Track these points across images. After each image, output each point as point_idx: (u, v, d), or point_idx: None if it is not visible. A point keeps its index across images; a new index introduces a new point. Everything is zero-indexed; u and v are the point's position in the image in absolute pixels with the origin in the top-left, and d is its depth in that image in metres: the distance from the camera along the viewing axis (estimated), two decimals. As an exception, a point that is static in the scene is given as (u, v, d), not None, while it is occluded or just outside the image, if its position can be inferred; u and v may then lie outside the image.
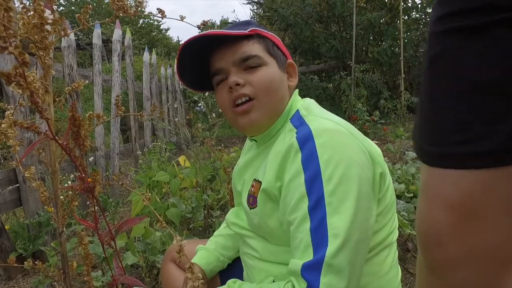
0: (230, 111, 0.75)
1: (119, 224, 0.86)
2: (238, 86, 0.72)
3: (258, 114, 0.73)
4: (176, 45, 19.45)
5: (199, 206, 1.94)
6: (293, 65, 0.83)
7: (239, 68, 0.74)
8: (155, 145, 2.64)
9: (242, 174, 0.85)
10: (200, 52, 0.76)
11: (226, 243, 0.98)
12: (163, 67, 4.96)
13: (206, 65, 0.79)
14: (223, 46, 0.75)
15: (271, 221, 0.71)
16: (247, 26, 0.79)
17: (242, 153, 0.95)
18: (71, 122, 0.72)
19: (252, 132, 0.79)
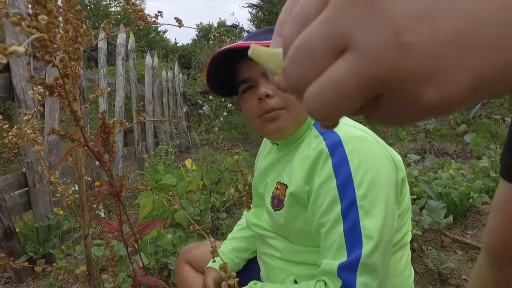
0: (257, 119, 0.77)
1: (142, 227, 0.89)
2: (267, 97, 0.74)
3: (285, 122, 0.75)
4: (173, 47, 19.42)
5: (207, 208, 1.96)
6: None
7: (268, 78, 0.73)
8: (161, 148, 2.66)
9: (264, 177, 0.87)
10: (227, 60, 0.78)
11: (240, 245, 1.01)
12: (164, 70, 4.99)
13: (230, 72, 0.81)
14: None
15: (297, 222, 0.74)
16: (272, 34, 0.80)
17: (261, 155, 0.98)
18: (101, 130, 0.75)
19: (278, 138, 0.81)
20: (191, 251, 1.13)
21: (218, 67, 0.78)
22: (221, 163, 2.23)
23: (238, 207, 2.48)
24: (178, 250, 1.55)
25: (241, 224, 1.07)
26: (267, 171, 0.87)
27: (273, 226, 0.82)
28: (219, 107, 3.73)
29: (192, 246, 1.17)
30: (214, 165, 2.15)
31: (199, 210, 1.92)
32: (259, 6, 6.74)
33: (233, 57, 0.77)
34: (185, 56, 15.11)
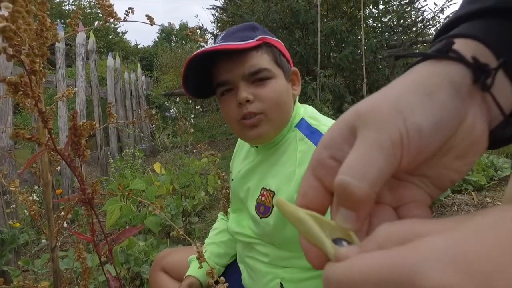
0: (237, 124, 0.75)
1: (117, 234, 0.84)
2: (247, 102, 0.71)
3: (266, 128, 0.73)
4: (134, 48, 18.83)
5: (178, 213, 1.91)
6: (296, 73, 0.82)
7: (247, 81, 0.72)
8: (128, 152, 2.55)
9: (245, 181, 0.85)
10: (204, 62, 0.74)
11: (219, 251, 0.97)
12: (126, 72, 4.81)
13: (208, 73, 0.78)
14: (231, 57, 0.72)
15: (287, 230, 0.72)
16: (254, 32, 0.76)
17: (237, 158, 0.95)
18: (72, 132, 0.70)
19: (257, 143, 0.80)
20: (166, 258, 1.08)
21: (194, 68, 0.75)
22: (190, 166, 2.17)
23: (209, 211, 2.44)
24: (151, 257, 1.49)
25: (218, 228, 1.04)
26: (248, 175, 0.84)
27: (258, 233, 0.80)
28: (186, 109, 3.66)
29: (167, 252, 1.12)
30: (184, 168, 2.09)
31: (171, 215, 1.86)
32: (223, 8, 6.71)
33: (210, 58, 0.74)
34: (147, 58, 14.72)
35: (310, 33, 5.25)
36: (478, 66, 0.23)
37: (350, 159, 0.21)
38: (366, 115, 0.22)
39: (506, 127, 0.24)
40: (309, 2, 5.30)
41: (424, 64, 0.24)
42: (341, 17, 5.44)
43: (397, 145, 0.21)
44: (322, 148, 0.25)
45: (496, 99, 0.23)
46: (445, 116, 0.22)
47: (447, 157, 0.23)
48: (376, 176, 0.20)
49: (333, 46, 5.48)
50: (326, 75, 4.50)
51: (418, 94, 0.22)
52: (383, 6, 5.76)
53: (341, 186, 0.20)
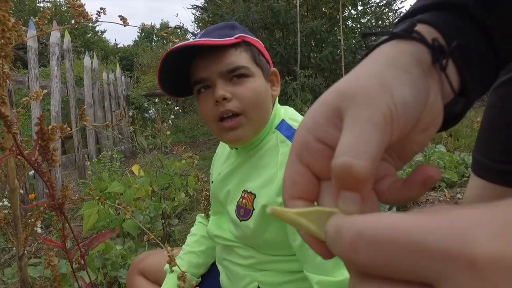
0: (215, 124, 0.74)
1: (90, 240, 0.82)
2: (225, 100, 0.70)
3: (244, 130, 0.72)
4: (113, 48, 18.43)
5: (157, 215, 1.88)
6: (276, 73, 0.82)
7: (225, 79, 0.71)
8: (105, 154, 2.49)
9: (225, 184, 0.83)
10: (182, 59, 0.73)
11: (198, 261, 0.95)
12: (105, 72, 4.71)
13: (185, 71, 0.76)
14: (209, 54, 0.71)
15: (267, 233, 0.72)
16: (233, 30, 0.75)
17: (218, 160, 0.94)
18: (39, 136, 0.68)
19: (236, 145, 0.79)
20: (144, 261, 1.06)
21: (171, 65, 0.73)
22: (170, 168, 2.15)
23: (190, 212, 2.42)
24: (129, 261, 1.46)
25: (196, 234, 1.02)
26: (228, 178, 0.83)
27: (238, 236, 0.79)
28: (166, 110, 3.61)
29: (145, 255, 1.10)
30: (163, 170, 2.06)
31: (149, 218, 1.83)
32: (204, 8, 6.67)
33: (188, 55, 0.72)
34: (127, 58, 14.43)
35: (290, 33, 5.29)
36: (437, 48, 0.25)
37: (346, 139, 0.21)
38: (351, 95, 0.22)
39: (456, 104, 0.27)
40: (289, 3, 5.33)
41: (390, 44, 0.26)
42: (321, 18, 5.50)
43: (388, 121, 0.21)
44: (305, 131, 0.24)
45: (449, 78, 0.25)
46: (421, 91, 0.23)
47: (414, 131, 0.24)
48: (376, 153, 0.20)
49: (313, 47, 5.55)
50: (307, 75, 4.55)
51: (397, 69, 0.23)
52: (362, 7, 5.87)
53: (343, 168, 0.20)
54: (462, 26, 0.27)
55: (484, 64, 0.28)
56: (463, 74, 0.26)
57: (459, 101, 0.27)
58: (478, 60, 0.27)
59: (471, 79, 0.26)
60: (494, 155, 0.49)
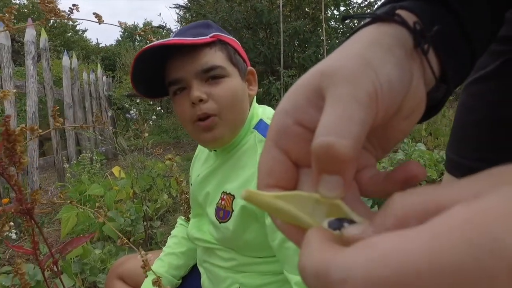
0: (191, 125, 0.72)
1: (63, 245, 0.79)
2: (201, 101, 0.69)
3: (221, 130, 0.71)
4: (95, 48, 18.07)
5: (139, 218, 1.85)
6: (253, 72, 0.81)
7: (201, 79, 0.70)
8: (84, 156, 2.42)
9: (204, 185, 0.82)
10: (156, 59, 0.71)
11: (178, 263, 0.94)
12: (85, 72, 4.60)
13: (160, 71, 0.74)
14: (183, 54, 0.70)
15: (247, 235, 0.71)
16: (208, 29, 0.74)
17: (198, 162, 0.92)
18: (4, 138, 0.65)
19: (213, 147, 0.78)
20: (123, 265, 1.03)
21: (145, 65, 0.71)
22: (152, 169, 2.11)
23: (173, 214, 2.39)
24: (108, 266, 1.43)
25: (177, 236, 1.00)
26: (207, 180, 0.82)
27: (218, 238, 0.78)
28: (148, 110, 3.56)
29: (124, 259, 1.08)
30: (144, 171, 2.03)
31: (130, 220, 1.80)
32: (187, 8, 6.61)
33: (162, 55, 0.71)
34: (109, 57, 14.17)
35: (274, 33, 5.30)
36: (419, 32, 0.24)
37: (327, 118, 0.19)
38: (333, 73, 0.21)
39: (437, 90, 0.26)
40: (272, 3, 5.34)
41: (372, 27, 0.25)
42: (304, 18, 5.54)
43: (373, 98, 0.20)
44: (283, 114, 0.22)
45: (431, 64, 0.25)
46: (405, 71, 0.22)
47: (397, 117, 0.23)
48: (360, 132, 0.19)
49: (297, 47, 5.57)
50: (290, 75, 4.57)
51: (380, 49, 0.22)
52: (344, 8, 5.94)
53: (323, 148, 0.18)
54: (439, 14, 0.27)
55: (459, 53, 0.28)
56: (443, 61, 0.26)
57: (441, 87, 0.26)
58: (454, 49, 0.27)
59: (450, 66, 0.26)
60: (466, 152, 0.49)
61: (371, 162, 0.24)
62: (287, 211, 0.19)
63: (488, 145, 0.47)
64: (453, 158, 0.51)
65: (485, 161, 0.47)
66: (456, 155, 0.51)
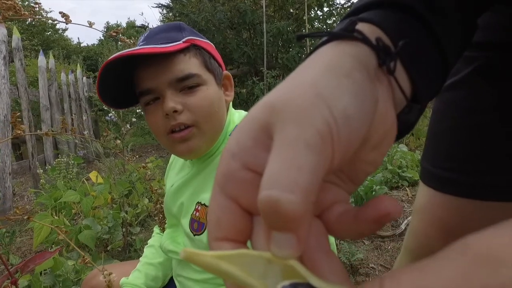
0: (165, 137, 0.68)
1: (23, 263, 0.74)
2: (175, 112, 0.64)
3: (197, 141, 0.67)
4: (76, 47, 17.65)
5: (117, 224, 1.79)
6: (229, 77, 0.76)
7: (175, 89, 0.65)
8: (60, 160, 2.33)
9: (177, 196, 0.78)
10: (124, 68, 0.66)
11: (156, 274, 0.89)
12: (63, 72, 4.46)
13: (129, 80, 0.69)
14: (154, 61, 0.64)
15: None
16: (180, 32, 0.69)
17: (172, 171, 0.88)
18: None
19: (190, 158, 0.74)
20: (97, 277, 0.99)
21: (113, 75, 0.66)
22: (131, 173, 2.05)
23: (153, 219, 2.33)
24: (83, 277, 1.37)
25: (154, 245, 0.96)
26: (180, 190, 0.78)
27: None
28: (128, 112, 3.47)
29: (98, 271, 1.03)
30: (123, 175, 1.97)
31: (108, 228, 1.74)
32: (169, 7, 6.52)
33: (132, 63, 0.65)
34: (91, 57, 13.86)
35: (257, 33, 5.28)
36: (382, 48, 0.21)
37: (271, 166, 0.17)
38: (282, 108, 0.18)
39: (409, 112, 0.23)
40: (255, 3, 5.32)
41: (331, 45, 0.22)
42: (288, 18, 5.54)
43: (326, 139, 0.17)
44: (229, 158, 0.20)
45: (399, 82, 0.22)
46: (366, 99, 0.19)
47: (364, 148, 0.21)
48: (310, 183, 0.16)
49: (280, 47, 5.57)
50: (274, 76, 4.56)
51: (336, 76, 0.19)
52: (328, 8, 5.97)
53: (269, 204, 0.16)
54: (407, 24, 0.24)
55: (431, 66, 0.25)
56: (413, 77, 0.23)
57: (413, 108, 0.24)
58: (425, 62, 0.24)
59: (422, 82, 0.23)
60: (439, 162, 0.48)
61: (341, 196, 0.22)
62: (233, 274, 0.17)
63: (460, 154, 0.46)
64: (427, 168, 0.50)
65: (457, 171, 0.45)
66: (430, 164, 0.49)
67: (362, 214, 0.18)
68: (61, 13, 0.88)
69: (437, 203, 0.48)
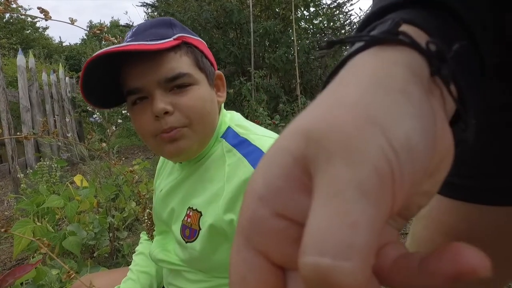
0: (153, 139, 0.64)
1: (1, 277, 0.69)
2: (166, 114, 0.61)
3: (188, 142, 0.64)
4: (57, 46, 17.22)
5: (103, 230, 1.73)
6: (221, 77, 0.73)
7: (164, 89, 0.62)
8: (42, 164, 2.24)
9: (167, 201, 0.75)
10: (110, 65, 0.62)
11: (151, 282, 0.85)
12: (44, 72, 4.33)
13: (116, 77, 0.65)
14: (143, 59, 0.61)
15: (217, 255, 0.65)
16: (171, 29, 0.65)
17: (161, 174, 0.85)
18: None
19: (179, 160, 0.71)
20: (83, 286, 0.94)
21: (98, 73, 0.62)
22: (118, 176, 2.00)
23: (141, 222, 2.28)
24: (68, 286, 1.31)
25: (144, 252, 0.92)
26: (170, 195, 0.74)
27: (185, 259, 0.70)
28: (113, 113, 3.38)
29: (85, 279, 0.98)
30: (109, 179, 1.91)
31: (94, 233, 1.68)
32: (154, 6, 6.42)
33: (118, 59, 0.62)
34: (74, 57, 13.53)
35: (244, 33, 5.25)
36: (436, 54, 0.17)
37: (315, 221, 0.13)
38: (322, 137, 0.14)
39: (466, 129, 0.19)
40: (242, 3, 5.29)
41: (372, 52, 0.18)
42: (274, 18, 5.52)
43: (387, 181, 0.13)
44: (257, 202, 0.16)
45: (453, 95, 0.18)
46: (429, 121, 0.15)
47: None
48: (368, 243, 0.12)
49: (267, 47, 5.55)
50: (261, 76, 4.53)
51: (390, 92, 0.15)
52: (314, 8, 5.98)
53: (317, 275, 0.12)
54: (447, 27, 0.20)
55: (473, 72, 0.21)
56: (461, 88, 0.19)
57: (470, 123, 0.19)
58: (468, 68, 0.21)
59: (470, 95, 0.19)
60: None
61: (392, 237, 0.18)
62: None
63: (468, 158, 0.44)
64: None
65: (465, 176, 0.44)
66: None
67: (433, 264, 0.14)
68: (39, 8, 0.83)
69: (444, 209, 0.47)
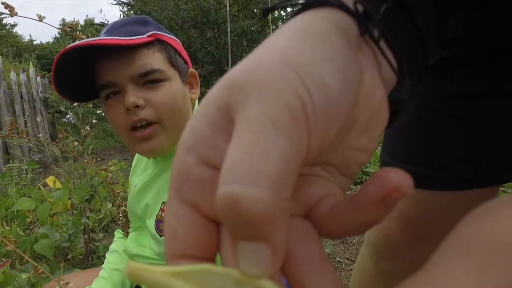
0: (126, 134, 0.66)
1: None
2: (137, 108, 0.62)
3: (160, 140, 0.65)
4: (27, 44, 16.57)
5: (78, 231, 1.70)
6: (194, 75, 0.75)
7: (137, 84, 0.63)
8: (11, 166, 2.16)
9: (141, 197, 0.76)
10: (84, 59, 0.63)
11: (123, 279, 0.84)
12: (13, 71, 4.16)
13: (89, 72, 0.66)
14: (117, 54, 0.62)
15: None
16: (145, 26, 0.67)
17: (136, 171, 0.85)
18: None
19: (153, 157, 0.72)
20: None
21: (71, 66, 0.63)
22: (93, 177, 1.96)
23: (118, 223, 2.24)
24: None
25: (117, 250, 0.92)
26: (144, 190, 0.75)
27: (159, 253, 0.71)
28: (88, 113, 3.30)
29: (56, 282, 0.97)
30: (83, 180, 1.87)
31: (68, 235, 1.64)
32: (130, 5, 6.30)
33: (92, 54, 0.63)
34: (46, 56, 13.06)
35: (221, 33, 5.25)
36: (364, 15, 0.18)
37: (231, 156, 0.13)
38: (244, 84, 0.14)
39: (401, 89, 0.19)
40: (219, 2, 5.28)
41: (304, 14, 0.18)
42: (252, 18, 5.55)
43: (299, 116, 0.13)
44: (184, 153, 0.15)
45: (385, 54, 0.18)
46: (348, 66, 0.16)
47: (351, 132, 0.17)
48: (280, 172, 0.12)
49: (245, 47, 5.57)
50: (239, 75, 4.55)
51: (310, 40, 0.15)
52: (291, 9, 6.06)
53: (228, 205, 0.12)
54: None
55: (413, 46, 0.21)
56: (397, 53, 0.19)
57: (405, 84, 0.20)
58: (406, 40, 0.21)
59: (406, 60, 0.20)
60: (399, 155, 0.49)
61: (332, 191, 0.18)
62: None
63: (419, 148, 0.47)
64: (387, 162, 0.51)
65: (417, 165, 0.47)
66: (389, 158, 0.51)
67: (363, 195, 0.14)
68: (4, 3, 0.80)
69: None
